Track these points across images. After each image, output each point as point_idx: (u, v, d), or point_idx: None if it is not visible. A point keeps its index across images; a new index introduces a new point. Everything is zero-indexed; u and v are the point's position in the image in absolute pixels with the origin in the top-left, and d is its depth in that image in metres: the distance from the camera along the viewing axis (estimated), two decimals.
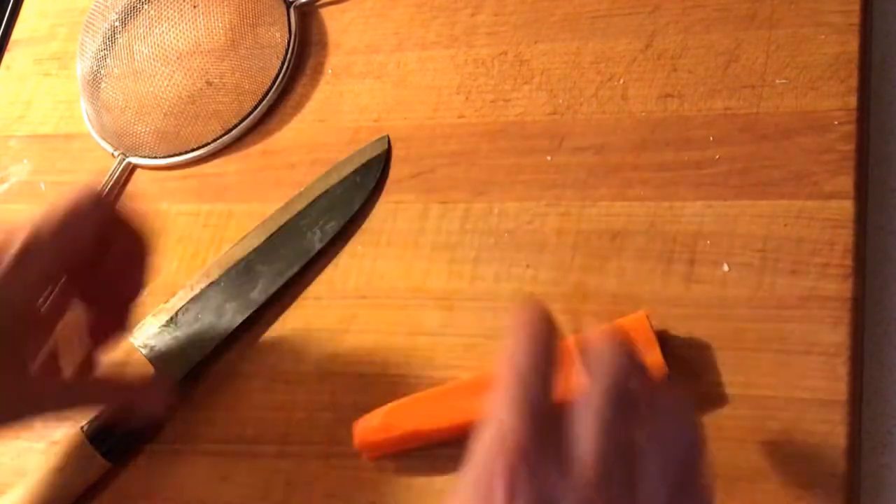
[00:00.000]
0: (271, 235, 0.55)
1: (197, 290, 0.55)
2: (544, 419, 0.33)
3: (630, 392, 0.33)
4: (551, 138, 0.53)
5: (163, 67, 0.63)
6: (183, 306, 0.55)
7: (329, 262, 0.54)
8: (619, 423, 0.33)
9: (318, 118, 0.59)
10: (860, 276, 0.45)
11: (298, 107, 0.60)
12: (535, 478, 0.32)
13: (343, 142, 0.58)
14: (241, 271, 0.54)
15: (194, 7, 0.63)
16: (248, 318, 0.54)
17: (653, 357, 0.43)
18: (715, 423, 0.44)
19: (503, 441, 0.32)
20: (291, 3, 0.63)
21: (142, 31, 0.64)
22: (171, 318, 0.54)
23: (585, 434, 0.32)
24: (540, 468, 0.32)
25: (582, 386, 0.34)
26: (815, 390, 0.43)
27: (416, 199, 0.54)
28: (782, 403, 0.44)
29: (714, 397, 0.44)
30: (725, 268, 0.47)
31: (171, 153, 0.61)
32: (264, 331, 0.54)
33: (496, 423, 0.33)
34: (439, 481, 0.45)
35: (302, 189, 0.56)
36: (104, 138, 0.64)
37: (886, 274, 0.50)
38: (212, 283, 0.55)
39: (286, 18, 0.62)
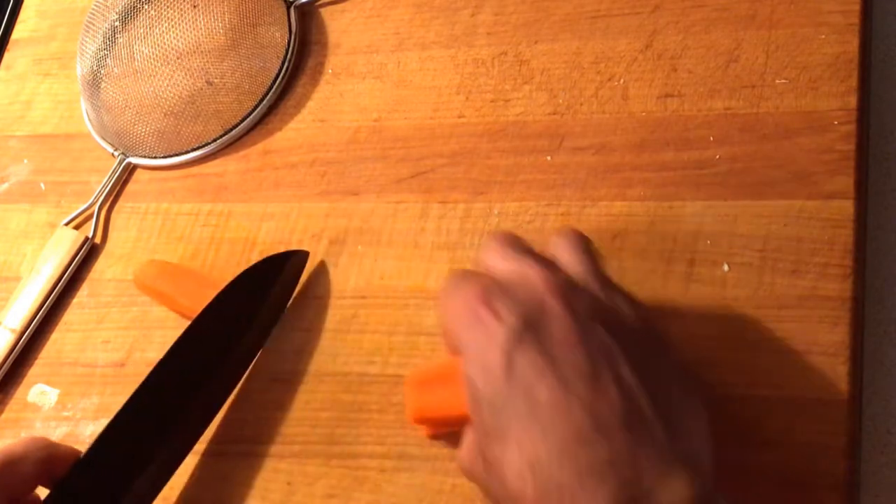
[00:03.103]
0: None
1: None
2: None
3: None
4: (551, 138, 0.53)
5: (163, 67, 0.63)
6: None
7: None
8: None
9: (318, 118, 0.59)
10: (860, 276, 0.45)
11: (298, 107, 0.60)
12: (506, 293, 0.37)
13: (343, 142, 0.58)
14: None
15: (194, 7, 0.63)
16: None
17: None
18: (715, 423, 0.44)
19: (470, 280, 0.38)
20: (291, 3, 0.63)
21: (142, 31, 0.64)
22: None
23: (561, 253, 0.40)
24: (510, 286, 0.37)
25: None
26: (815, 390, 0.43)
27: (416, 199, 0.54)
28: (782, 403, 0.44)
29: (714, 397, 0.44)
30: (725, 268, 0.47)
31: (171, 153, 0.61)
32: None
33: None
34: (439, 481, 0.45)
35: None
36: (104, 138, 0.64)
37: (886, 274, 0.50)
38: None
39: (286, 18, 0.62)
